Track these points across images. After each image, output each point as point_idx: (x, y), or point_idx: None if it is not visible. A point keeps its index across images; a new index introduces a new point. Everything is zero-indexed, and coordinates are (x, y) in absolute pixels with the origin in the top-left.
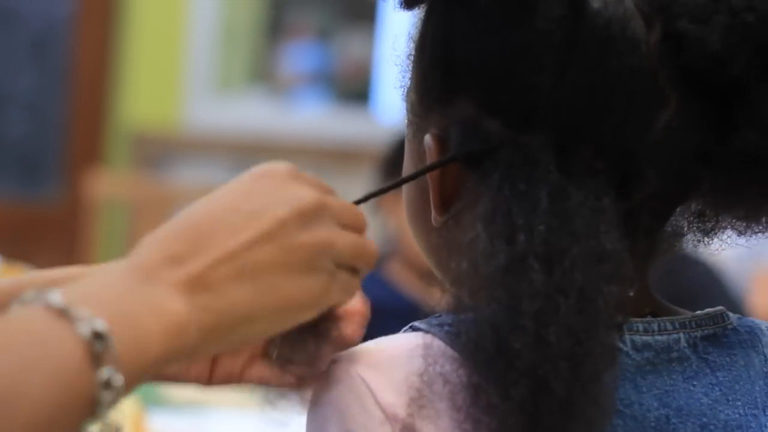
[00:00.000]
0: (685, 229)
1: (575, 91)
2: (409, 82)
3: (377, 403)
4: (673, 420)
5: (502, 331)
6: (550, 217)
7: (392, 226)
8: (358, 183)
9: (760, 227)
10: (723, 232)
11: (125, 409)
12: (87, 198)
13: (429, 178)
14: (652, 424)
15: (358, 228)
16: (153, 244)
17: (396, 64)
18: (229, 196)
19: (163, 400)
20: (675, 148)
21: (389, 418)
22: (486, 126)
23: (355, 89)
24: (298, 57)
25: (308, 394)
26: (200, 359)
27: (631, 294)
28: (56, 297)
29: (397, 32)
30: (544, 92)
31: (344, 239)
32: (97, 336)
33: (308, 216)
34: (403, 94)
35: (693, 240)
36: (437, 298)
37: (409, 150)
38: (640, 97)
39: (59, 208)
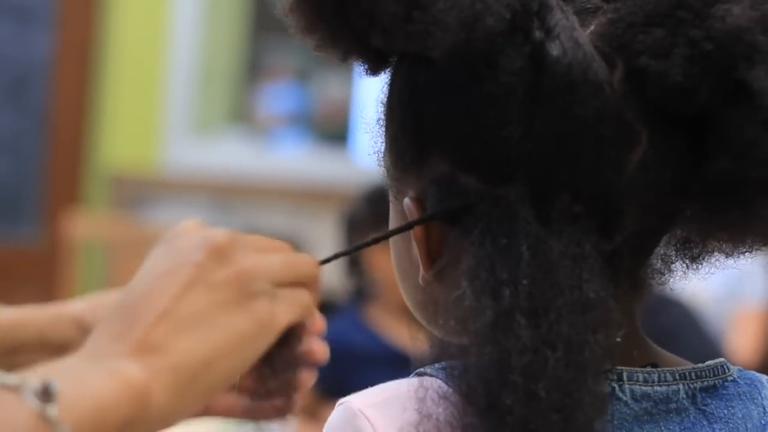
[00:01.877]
0: (674, 256)
1: (545, 140)
2: (381, 147)
3: None
4: None
5: (493, 387)
6: (533, 270)
7: (375, 273)
8: (336, 224)
9: (746, 248)
10: (710, 257)
11: None
12: (66, 239)
13: (414, 239)
14: None
15: (280, 249)
16: (94, 336)
17: (366, 131)
18: (147, 269)
19: None
20: (650, 183)
21: None
22: (462, 182)
23: (333, 130)
24: (277, 98)
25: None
26: (179, 420)
27: (619, 339)
28: (9, 378)
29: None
30: (515, 144)
31: (269, 260)
32: (48, 397)
33: (222, 251)
34: (377, 159)
35: (681, 267)
36: (424, 345)
37: (393, 211)
38: (610, 139)
39: (38, 248)
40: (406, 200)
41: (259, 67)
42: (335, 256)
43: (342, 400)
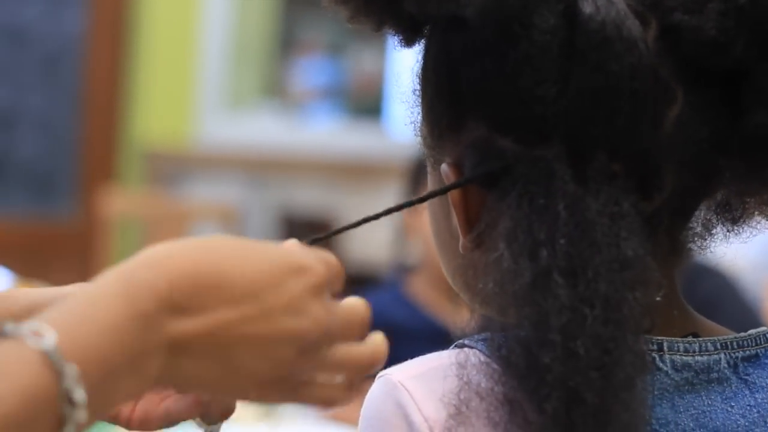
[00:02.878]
0: (714, 221)
1: (581, 98)
2: (418, 117)
3: (419, 410)
4: None
5: (532, 347)
6: (571, 229)
7: (418, 244)
8: (371, 197)
9: None
10: (751, 219)
11: None
12: (100, 215)
13: (452, 205)
14: None
15: (357, 334)
16: (157, 283)
17: (402, 102)
18: (255, 271)
19: None
20: (688, 140)
21: (431, 427)
22: (499, 144)
23: (367, 104)
24: (310, 72)
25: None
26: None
27: (659, 299)
28: (48, 340)
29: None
30: (550, 103)
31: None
32: (72, 403)
33: (307, 346)
34: (414, 130)
35: (722, 231)
36: (466, 318)
37: (431, 182)
38: (645, 95)
39: (73, 225)
40: (444, 166)
41: (293, 41)
42: (354, 225)
43: (381, 372)
